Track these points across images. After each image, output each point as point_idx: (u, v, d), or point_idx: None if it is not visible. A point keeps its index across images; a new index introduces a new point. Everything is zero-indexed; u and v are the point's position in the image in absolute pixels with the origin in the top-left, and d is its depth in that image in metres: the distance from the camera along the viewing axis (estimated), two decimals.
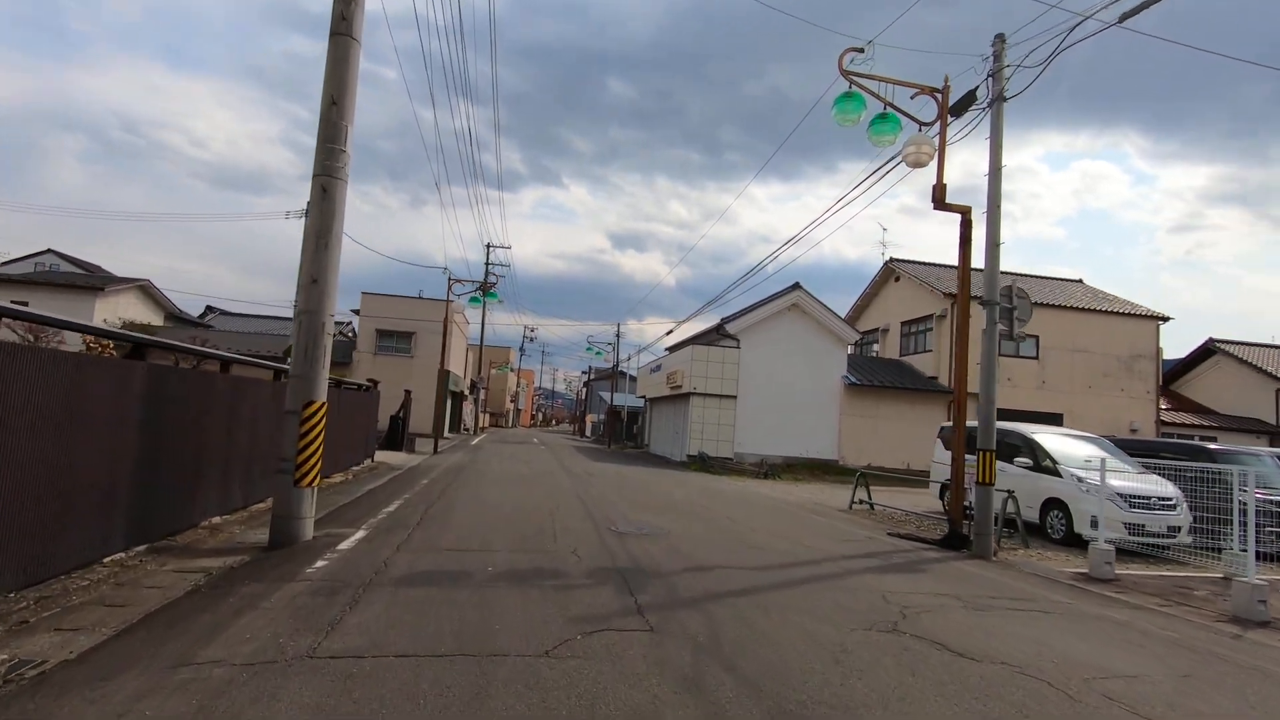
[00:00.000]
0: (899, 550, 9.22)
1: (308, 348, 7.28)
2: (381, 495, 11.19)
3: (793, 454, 26.20)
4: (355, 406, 15.19)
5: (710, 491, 15.91)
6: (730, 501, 13.93)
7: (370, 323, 34.90)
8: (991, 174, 9.87)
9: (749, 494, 16.17)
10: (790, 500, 15.44)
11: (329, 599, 4.96)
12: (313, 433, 7.26)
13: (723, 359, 26.45)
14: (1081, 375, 28.26)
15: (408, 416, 22.44)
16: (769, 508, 13.41)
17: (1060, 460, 11.84)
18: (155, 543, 6.60)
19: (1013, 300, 10.19)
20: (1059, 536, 11.32)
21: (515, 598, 5.24)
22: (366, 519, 8.66)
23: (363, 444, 16.18)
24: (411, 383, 33.86)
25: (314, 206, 7.46)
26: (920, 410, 27.46)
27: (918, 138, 10.13)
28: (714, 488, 17.11)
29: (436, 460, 19.77)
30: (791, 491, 17.86)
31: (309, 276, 7.35)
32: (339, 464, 13.87)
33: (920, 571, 7.72)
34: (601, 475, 17.93)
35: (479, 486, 13.07)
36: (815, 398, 26.86)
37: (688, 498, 13.86)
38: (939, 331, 28.30)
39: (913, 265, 31.61)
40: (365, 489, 11.96)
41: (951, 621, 5.48)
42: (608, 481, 16.17)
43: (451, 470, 16.47)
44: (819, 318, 27.19)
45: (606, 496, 12.79)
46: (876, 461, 26.66)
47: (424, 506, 9.93)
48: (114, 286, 34.81)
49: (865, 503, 14.51)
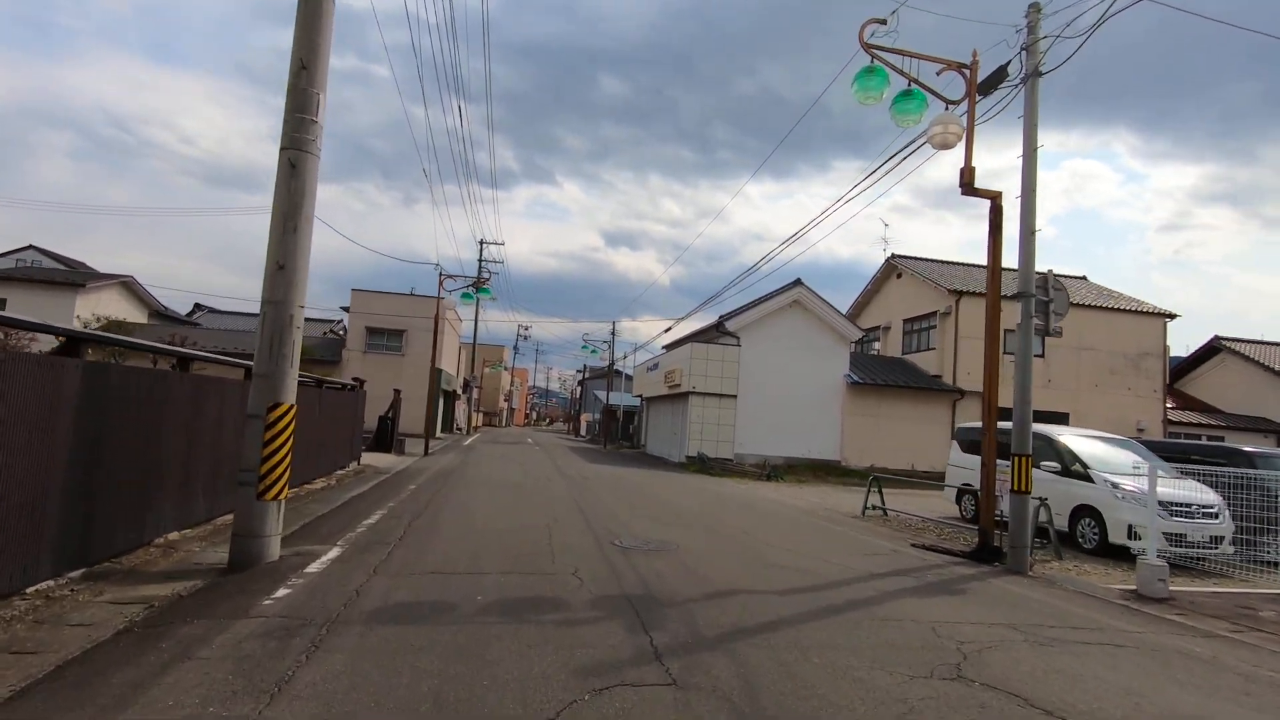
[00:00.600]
0: (929, 565, 8.40)
1: (273, 342, 6.40)
2: (364, 504, 10.31)
3: (794, 454, 25.42)
4: (339, 407, 14.30)
5: (714, 496, 15.08)
6: (737, 508, 13.11)
7: (360, 320, 33.94)
8: (1026, 156, 9.05)
9: (754, 499, 15.35)
10: (799, 506, 14.63)
11: (283, 643, 4.10)
12: (279, 439, 6.39)
13: (722, 357, 25.63)
14: (1087, 373, 27.57)
15: (397, 417, 21.53)
16: (779, 515, 12.59)
17: (1091, 464, 11.05)
18: (95, 566, 5.72)
19: (1049, 292, 9.38)
20: (1091, 547, 10.53)
21: (508, 640, 4.39)
22: (344, 533, 7.78)
23: (348, 446, 15.28)
24: (403, 382, 32.93)
25: (281, 184, 6.58)
26: (924, 410, 26.72)
27: (945, 117, 9.31)
28: (717, 491, 16.29)
29: (427, 463, 18.88)
30: (797, 495, 17.05)
31: (275, 262, 6.47)
32: (321, 468, 12.98)
33: (960, 593, 6.91)
34: (599, 479, 17.09)
35: (470, 493, 12.20)
36: (817, 397, 26.08)
37: (692, 504, 13.03)
38: (943, 329, 27.56)
39: (915, 262, 30.86)
40: (347, 496, 11.08)
41: (1020, 662, 4.65)
42: (606, 486, 15.32)
43: (441, 474, 15.59)
44: (821, 315, 26.40)
45: (606, 504, 11.94)
46: (880, 462, 25.90)
47: (409, 517, 9.05)
48: (95, 283, 33.73)
49: (879, 509, 13.71)
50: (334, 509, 9.72)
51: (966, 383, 26.60)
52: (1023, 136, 9.08)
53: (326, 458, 13.36)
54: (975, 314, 26.88)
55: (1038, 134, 9.04)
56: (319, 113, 6.74)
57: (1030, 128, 9.03)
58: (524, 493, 12.79)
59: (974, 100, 9.51)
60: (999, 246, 9.71)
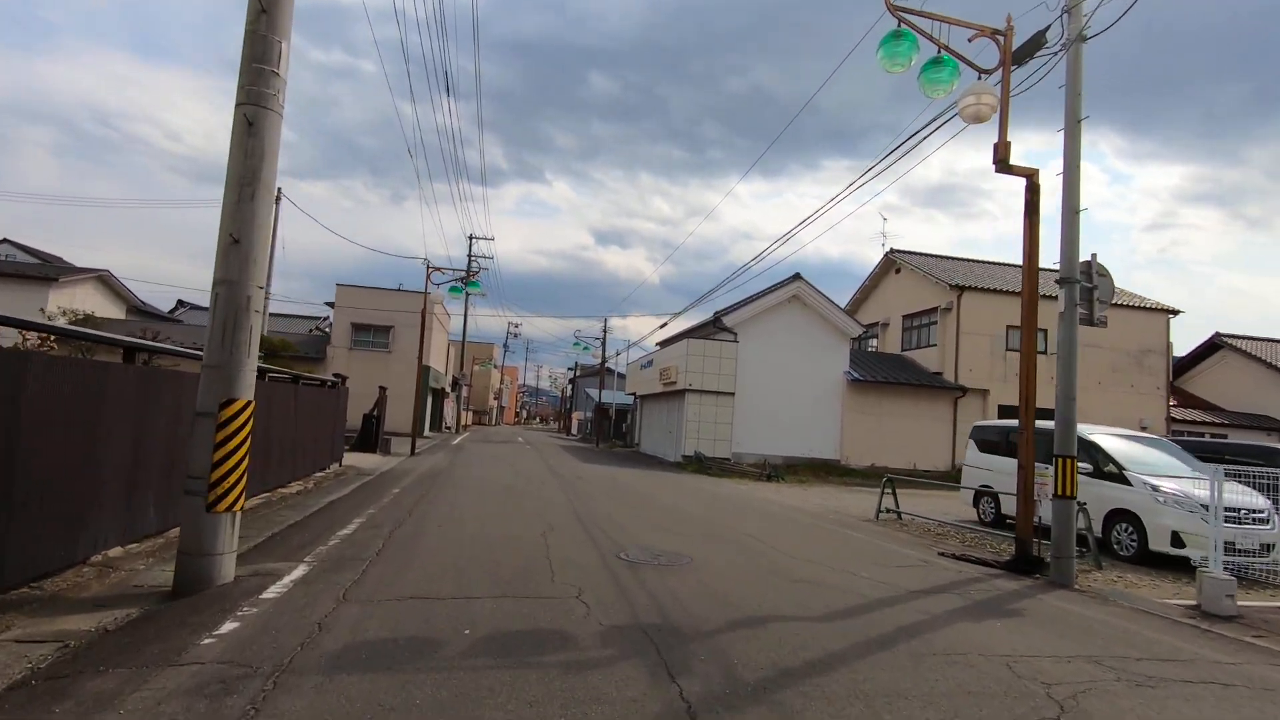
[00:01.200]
0: (968, 579, 7.57)
1: (226, 328, 5.47)
2: (341, 510, 9.37)
3: (793, 454, 24.62)
4: (319, 404, 13.33)
5: (716, 499, 14.22)
6: (743, 512, 12.25)
7: (345, 316, 32.88)
8: (1068, 128, 8.23)
9: (759, 501, 14.50)
10: (806, 509, 13.79)
11: (215, 705, 3.19)
12: (234, 441, 5.46)
13: (720, 353, 24.78)
14: (1090, 370, 26.87)
15: (382, 415, 20.54)
16: (789, 520, 11.74)
17: (1127, 465, 10.27)
18: (9, 593, 4.79)
19: (1093, 278, 8.56)
20: (1128, 554, 9.75)
21: (504, 693, 3.49)
22: (314, 546, 6.86)
23: (328, 446, 14.31)
24: (390, 379, 31.88)
25: (236, 145, 5.65)
26: (925, 407, 25.99)
27: (978, 86, 8.48)
28: (717, 493, 15.43)
29: (413, 463, 17.91)
30: (802, 497, 16.22)
31: (228, 235, 5.54)
32: (298, 470, 12.02)
33: (1015, 614, 6.06)
34: (594, 480, 16.19)
35: (458, 497, 11.28)
36: (816, 394, 25.30)
37: (695, 508, 12.16)
38: (944, 325, 26.84)
39: (915, 256, 30.14)
40: (324, 501, 10.14)
41: (1127, 713, 3.81)
42: (602, 488, 14.43)
43: (428, 476, 14.65)
44: (820, 310, 25.61)
45: (605, 508, 11.05)
46: (881, 462, 25.17)
47: (390, 526, 8.13)
48: (70, 277, 32.44)
49: (893, 512, 12.89)
50: (308, 516, 8.78)
51: (968, 380, 25.92)
52: (1065, 108, 8.26)
53: (304, 459, 12.41)
54: (978, 310, 26.22)
55: (1082, 103, 8.22)
56: (281, 64, 5.81)
57: (1073, 97, 8.20)
58: (516, 496, 11.88)
59: (1009, 69, 8.69)
60: (1036, 229, 8.90)
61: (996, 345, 26.34)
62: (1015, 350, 26.44)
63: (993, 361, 26.24)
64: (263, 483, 10.11)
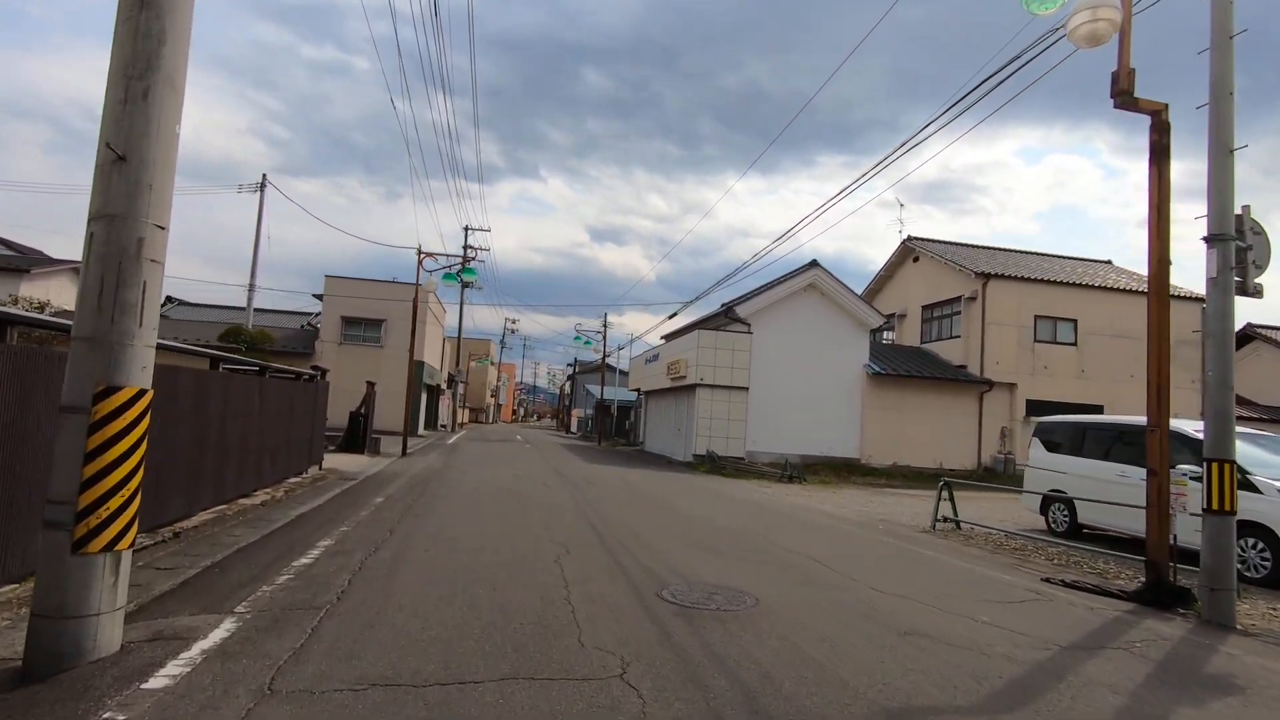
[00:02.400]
0: (1112, 622, 5.84)
1: (105, 285, 3.70)
2: (308, 527, 7.60)
3: (810, 452, 22.91)
4: (293, 401, 11.55)
5: (743, 504, 12.50)
6: (781, 521, 10.53)
7: (335, 309, 31.09)
8: (1216, 44, 6.49)
9: (791, 507, 12.78)
10: (848, 517, 12.08)
11: None
12: (116, 449, 3.70)
13: (732, 345, 23.05)
14: (1122, 363, 25.25)
15: (371, 413, 18.77)
16: (838, 532, 10.02)
17: (1253, 469, 8.56)
18: None
19: (1247, 236, 6.80)
20: (1260, 575, 8.05)
21: None
22: (257, 585, 5.10)
23: (305, 448, 12.53)
24: (382, 375, 30.07)
25: (124, 21, 3.88)
26: (949, 403, 24.31)
27: (1094, 0, 6.75)
28: (743, 498, 13.71)
29: (403, 465, 16.14)
30: (836, 502, 14.51)
31: (109, 149, 3.76)
32: (265, 477, 10.26)
33: (1230, 688, 4.34)
34: (605, 483, 14.44)
35: (452, 507, 9.51)
36: (835, 389, 23.59)
37: (725, 517, 10.43)
38: (968, 315, 25.14)
39: (935, 244, 28.44)
40: (292, 515, 8.38)
41: None
42: (616, 493, 12.69)
43: (419, 481, 12.87)
44: (838, 299, 23.90)
45: (625, 520, 9.30)
46: (903, 460, 23.52)
47: (363, 552, 6.37)
48: (42, 269, 30.48)
49: (950, 520, 11.18)
50: (265, 536, 7.03)
51: (995, 373, 24.25)
52: (1211, 21, 6.53)
53: (274, 463, 10.64)
54: (1005, 299, 24.56)
55: (1233, 14, 6.48)
56: None
57: (1222, 6, 6.47)
58: (519, 503, 10.13)
59: None
60: (1166, 177, 7.14)
61: (1024, 336, 24.67)
62: (1044, 341, 24.86)
63: (1020, 353, 24.58)
64: (217, 493, 8.36)
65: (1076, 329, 25.13)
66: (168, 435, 6.82)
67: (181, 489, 7.29)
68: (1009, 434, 24.46)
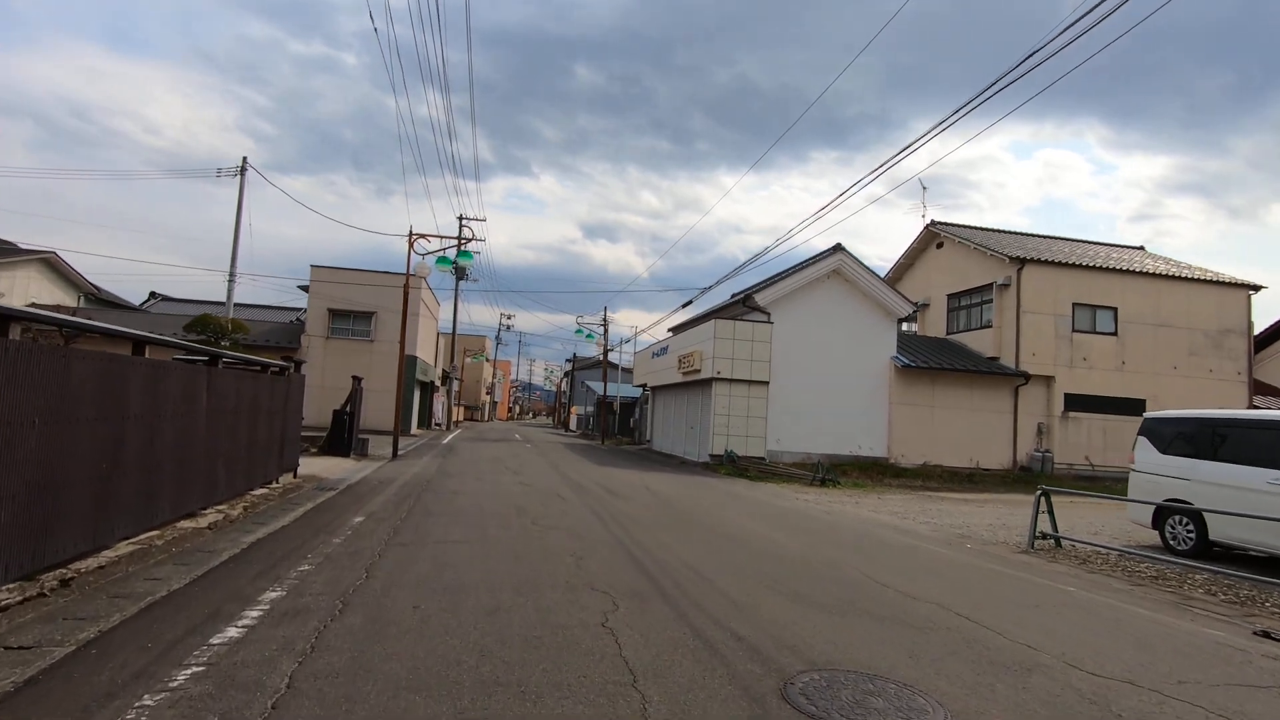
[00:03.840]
0: None
1: None
2: (255, 566, 5.53)
3: (834, 451, 20.94)
4: (256, 398, 9.47)
5: (804, 520, 10.50)
6: (867, 547, 8.53)
7: (322, 301, 28.91)
8: None
9: (860, 523, 10.79)
10: (921, 532, 10.10)
11: None
12: None
13: (752, 336, 21.03)
14: (1165, 354, 23.40)
15: (357, 412, 16.68)
16: (943, 563, 7.98)
17: None
18: None
19: None
20: None
21: None
22: (133, 694, 3.04)
23: (274, 452, 10.45)
24: (372, 371, 27.95)
25: None
26: (982, 397, 22.38)
27: None
28: (795, 509, 11.72)
29: (393, 470, 14.06)
30: (891, 511, 12.53)
31: None
32: (219, 491, 8.18)
33: None
34: (629, 494, 12.40)
35: (448, 536, 7.43)
36: (860, 383, 21.62)
37: (800, 542, 8.40)
38: (1001, 303, 23.19)
39: (961, 229, 26.50)
40: (241, 545, 6.31)
41: None
42: (647, 507, 10.66)
43: (409, 492, 10.80)
44: (864, 287, 21.91)
45: (676, 550, 7.23)
46: (934, 459, 21.58)
47: (321, 616, 4.29)
48: (8, 259, 28.27)
49: (1049, 536, 9.21)
50: (193, 582, 4.97)
51: (1031, 365, 22.33)
52: None
53: (230, 473, 8.56)
54: (1041, 285, 22.64)
55: None
56: None
57: None
58: (535, 527, 8.07)
59: None
60: None
61: (1061, 326, 22.75)
62: (1083, 331, 22.96)
63: (1058, 344, 22.66)
64: (145, 517, 6.29)
65: (1116, 317, 23.23)
66: (53, 444, 4.78)
67: (80, 515, 5.22)
68: (1046, 430, 22.56)
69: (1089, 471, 22.13)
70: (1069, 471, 22.06)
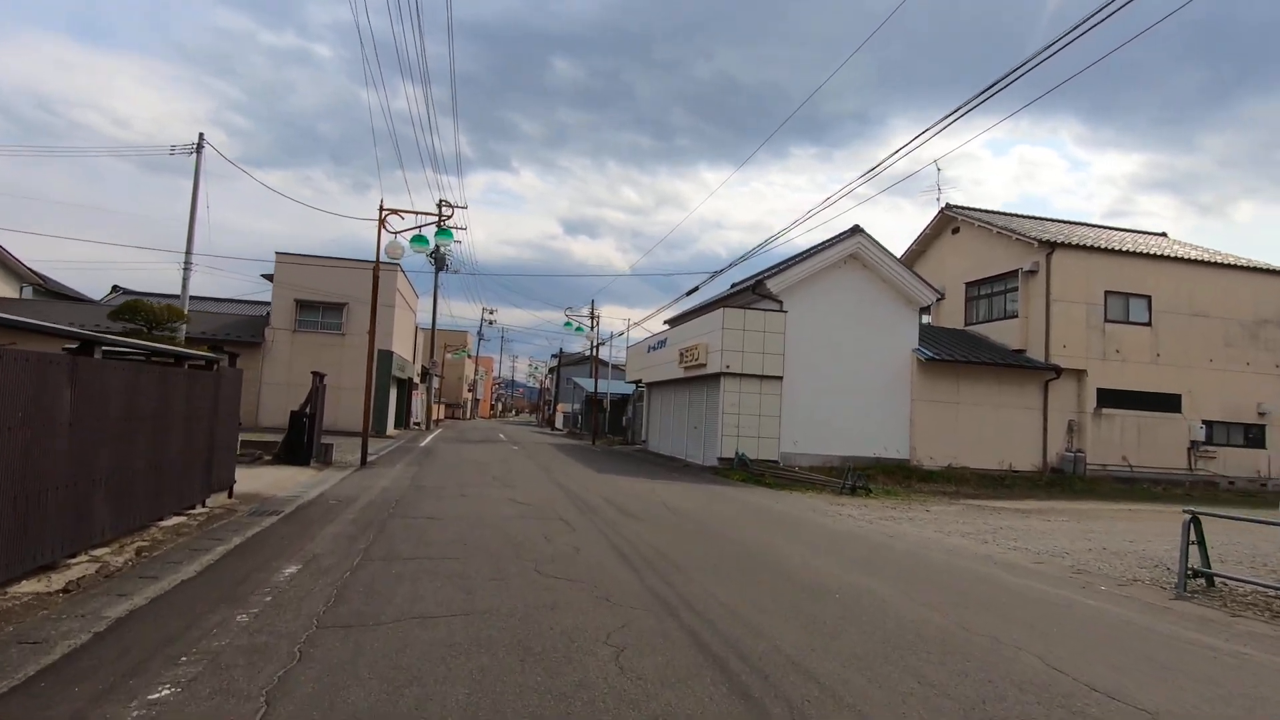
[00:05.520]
0: None
1: None
2: (91, 683, 3.17)
3: (855, 453, 18.84)
4: (168, 399, 7.05)
5: (884, 553, 8.27)
6: (968, 589, 6.32)
7: (287, 291, 26.22)
8: None
9: (947, 554, 8.60)
10: (1021, 564, 7.91)
11: None
12: None
13: (764, 326, 18.84)
14: (1200, 346, 21.59)
15: (318, 412, 14.20)
16: (1080, 620, 5.77)
17: None
18: None
19: None
20: None
21: None
22: None
23: (197, 469, 8.02)
24: (344, 367, 25.38)
25: None
26: (1010, 393, 20.39)
27: None
28: (845, 530, 9.52)
29: (358, 483, 11.62)
30: (957, 530, 10.37)
31: None
32: (95, 530, 5.77)
33: None
34: (643, 510, 10.11)
35: (418, 596, 5.02)
36: (880, 378, 19.54)
37: (910, 593, 6.15)
38: (1027, 292, 21.22)
39: (979, 213, 24.51)
40: (90, 631, 3.92)
41: None
42: (671, 530, 8.38)
43: (372, 516, 8.40)
44: (885, 272, 19.80)
45: (750, 618, 4.93)
46: (960, 461, 19.56)
47: None
48: None
49: (1200, 574, 7.08)
50: None
51: (1062, 357, 20.38)
52: None
53: (123, 502, 6.16)
54: (1072, 272, 20.70)
55: None
56: None
57: None
58: (539, 575, 5.75)
59: None
60: None
61: (1093, 315, 20.83)
62: (1116, 321, 21.05)
63: (1089, 335, 20.74)
64: None
65: (1150, 306, 21.36)
66: None
67: None
68: (1078, 429, 20.64)
69: (1126, 473, 20.24)
70: (1103, 473, 20.16)
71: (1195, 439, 20.93)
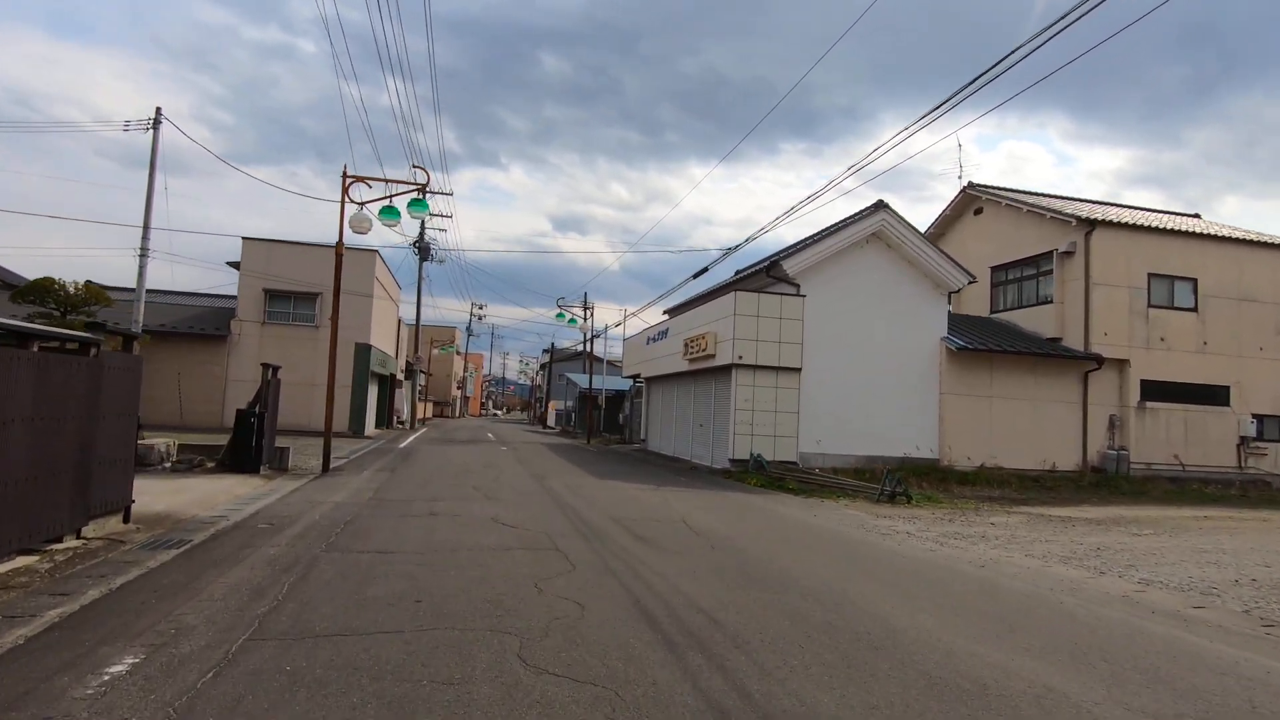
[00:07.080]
0: None
1: None
2: None
3: (881, 453, 16.78)
4: (12, 394, 4.83)
5: (993, 597, 6.12)
6: (1130, 661, 4.20)
7: (255, 280, 23.89)
8: None
9: (1074, 595, 6.46)
10: (1219, 621, 5.80)
11: None
12: None
13: (779, 312, 16.71)
14: (1249, 333, 19.64)
15: (270, 411, 11.96)
16: None
17: None
18: None
19: None
20: None
21: None
22: None
23: (63, 490, 5.78)
24: (317, 361, 23.05)
25: None
26: (1046, 386, 18.36)
27: None
28: (931, 563, 7.38)
29: (307, 497, 9.36)
30: (1066, 556, 8.26)
31: None
32: None
33: None
34: (661, 535, 7.93)
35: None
36: (907, 370, 17.46)
37: (1089, 687, 4.06)
38: (1063, 275, 19.17)
39: (1004, 192, 22.45)
40: None
41: None
42: (704, 567, 6.20)
43: (300, 554, 6.14)
44: (910, 253, 17.71)
45: None
46: (994, 460, 17.53)
47: None
48: None
49: None
50: None
51: (1104, 346, 18.37)
52: None
53: None
54: (1113, 253, 18.68)
55: None
56: None
57: None
58: (526, 668, 3.62)
59: None
60: None
61: (1136, 300, 18.83)
62: (1160, 306, 19.05)
63: (1133, 322, 18.74)
64: None
65: (1196, 290, 19.39)
66: None
67: None
68: (1120, 424, 18.64)
69: (1177, 472, 18.25)
70: (1149, 472, 18.17)
71: (1245, 434, 19.00)
